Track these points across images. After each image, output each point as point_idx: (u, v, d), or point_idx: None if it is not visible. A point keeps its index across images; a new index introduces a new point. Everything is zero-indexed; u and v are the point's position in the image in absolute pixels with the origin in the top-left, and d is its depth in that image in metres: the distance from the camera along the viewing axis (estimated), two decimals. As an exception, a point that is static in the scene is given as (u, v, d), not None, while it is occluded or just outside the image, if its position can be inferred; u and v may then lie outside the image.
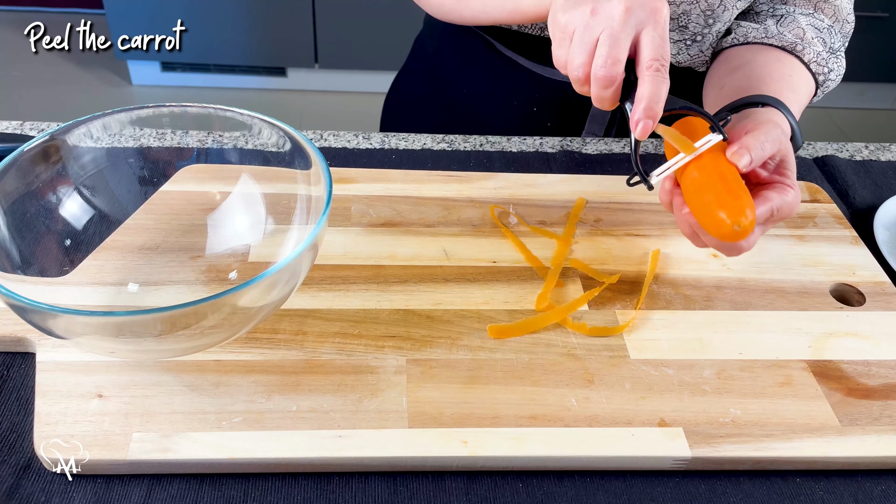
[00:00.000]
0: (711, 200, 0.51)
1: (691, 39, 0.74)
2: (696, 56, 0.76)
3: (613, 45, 0.49)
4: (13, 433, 0.48)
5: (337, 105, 2.39)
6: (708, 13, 0.71)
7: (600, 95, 0.51)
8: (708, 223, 0.51)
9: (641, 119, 0.50)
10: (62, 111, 2.25)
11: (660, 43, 0.50)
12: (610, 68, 0.49)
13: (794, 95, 0.65)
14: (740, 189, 0.51)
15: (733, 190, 0.51)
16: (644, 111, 0.50)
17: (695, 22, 0.72)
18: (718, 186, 0.51)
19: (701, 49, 0.75)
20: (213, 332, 0.46)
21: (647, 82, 0.50)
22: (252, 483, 0.47)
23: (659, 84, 0.50)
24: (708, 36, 0.74)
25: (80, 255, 0.56)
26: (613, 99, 0.51)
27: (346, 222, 0.65)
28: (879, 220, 0.70)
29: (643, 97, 0.50)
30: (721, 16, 0.72)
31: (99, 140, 0.56)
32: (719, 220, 0.50)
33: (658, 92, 0.50)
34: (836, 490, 0.49)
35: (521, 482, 0.48)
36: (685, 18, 0.72)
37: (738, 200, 0.50)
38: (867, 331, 0.58)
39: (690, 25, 0.73)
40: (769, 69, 0.67)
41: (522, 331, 0.56)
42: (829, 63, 0.69)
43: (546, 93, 0.82)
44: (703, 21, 0.72)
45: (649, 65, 0.50)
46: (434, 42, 0.89)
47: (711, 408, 0.51)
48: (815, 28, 0.70)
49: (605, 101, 0.52)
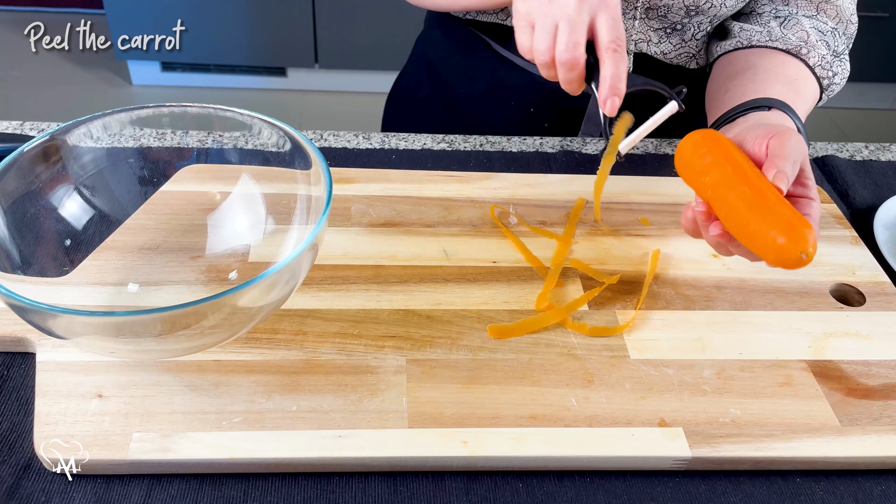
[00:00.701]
0: (767, 228, 0.48)
1: (671, 28, 0.73)
2: (679, 46, 0.76)
3: (572, 30, 0.54)
4: (13, 433, 0.48)
5: (337, 105, 2.39)
6: (690, 7, 0.71)
7: (567, 78, 0.55)
8: (768, 254, 0.48)
9: (608, 97, 0.54)
10: (62, 111, 2.25)
11: (614, 25, 0.54)
12: (572, 51, 0.54)
13: (800, 99, 0.64)
14: (792, 213, 0.48)
15: (785, 215, 0.48)
16: (609, 89, 0.54)
17: (675, 13, 0.72)
18: (767, 212, 0.48)
19: (682, 38, 0.75)
20: (213, 332, 0.46)
21: (608, 62, 0.54)
22: (252, 483, 0.47)
23: (618, 63, 0.54)
24: (689, 27, 0.73)
25: (80, 255, 0.56)
26: (580, 80, 0.56)
27: (346, 222, 0.65)
28: (879, 220, 0.70)
29: (606, 77, 0.54)
30: (707, 11, 0.72)
31: (99, 140, 0.56)
32: (780, 249, 0.47)
33: (619, 70, 0.54)
34: (836, 490, 0.49)
35: (521, 482, 0.48)
36: (665, 9, 0.72)
37: (795, 226, 0.47)
38: (867, 331, 0.58)
39: (670, 15, 0.72)
40: (774, 73, 0.66)
41: (522, 331, 0.56)
42: (834, 66, 0.69)
43: (542, 93, 0.82)
44: (685, 13, 0.72)
45: (607, 46, 0.54)
46: (434, 43, 0.90)
47: (711, 408, 0.51)
48: (818, 31, 0.70)
49: (572, 83, 0.56)
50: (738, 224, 0.50)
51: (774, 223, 0.48)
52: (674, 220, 0.68)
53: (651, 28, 0.74)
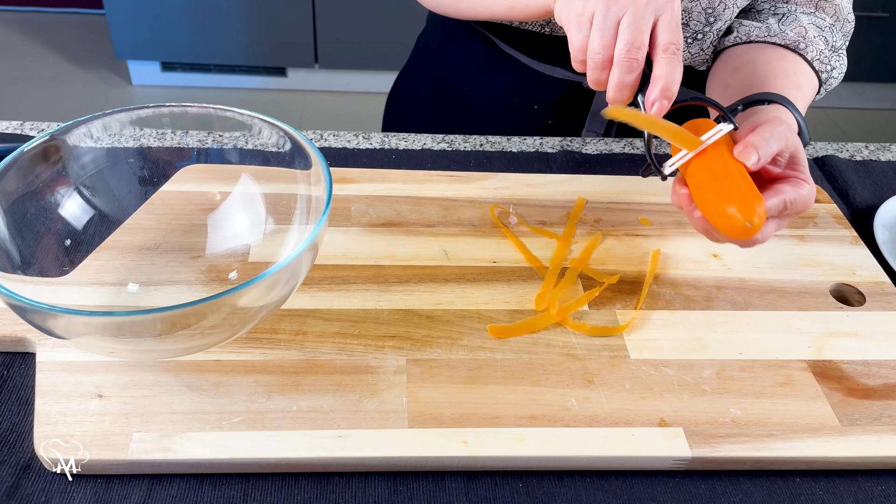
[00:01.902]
0: (719, 199, 0.50)
1: (692, 38, 0.74)
2: (697, 55, 0.76)
3: (636, 29, 0.50)
4: (13, 433, 0.48)
5: (337, 105, 2.39)
6: (709, 11, 0.72)
7: (622, 81, 0.51)
8: (719, 222, 0.50)
9: (657, 99, 0.51)
10: (62, 111, 2.25)
11: (675, 28, 0.51)
12: (635, 52, 0.50)
13: (798, 93, 0.65)
14: (748, 186, 0.50)
15: (741, 187, 0.50)
16: (661, 91, 0.51)
17: (696, 20, 0.72)
18: (725, 184, 0.50)
19: (702, 47, 0.76)
20: (213, 332, 0.46)
21: (664, 64, 0.50)
22: (252, 483, 0.47)
23: (675, 66, 0.51)
24: (709, 34, 0.74)
25: (80, 255, 0.56)
26: (634, 85, 0.52)
27: (346, 222, 0.65)
28: (879, 220, 0.70)
29: (660, 77, 0.51)
30: (722, 14, 0.72)
31: (99, 140, 0.56)
32: (729, 218, 0.49)
33: (674, 73, 0.51)
34: (836, 490, 0.49)
35: (521, 482, 0.48)
36: (686, 16, 0.72)
37: (746, 197, 0.49)
38: (867, 331, 0.58)
39: (692, 23, 0.73)
40: (773, 67, 0.67)
41: (522, 331, 0.56)
42: (832, 61, 0.69)
43: (547, 90, 0.82)
44: (705, 19, 0.72)
45: (666, 47, 0.51)
46: (437, 41, 0.90)
47: (711, 408, 0.51)
48: (816, 27, 0.70)
49: (625, 87, 0.52)
50: (701, 198, 0.51)
51: (728, 195, 0.49)
52: (674, 220, 0.68)
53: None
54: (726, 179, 0.50)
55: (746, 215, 0.49)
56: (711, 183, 0.51)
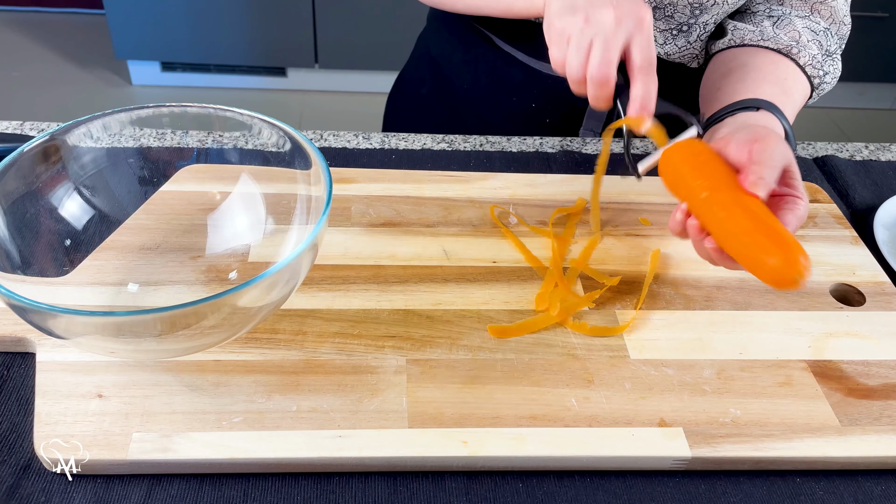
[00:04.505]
0: (757, 249, 0.48)
1: (677, 30, 0.74)
2: (684, 48, 0.76)
3: (606, 48, 0.55)
4: (13, 433, 0.48)
5: (337, 105, 2.39)
6: (695, 5, 0.72)
7: (596, 94, 0.56)
8: (759, 271, 0.48)
9: (638, 115, 0.56)
10: (62, 111, 2.25)
11: (647, 46, 0.56)
12: (605, 69, 0.55)
13: (788, 99, 0.65)
14: (784, 233, 0.48)
15: (778, 235, 0.48)
16: (640, 109, 0.56)
17: (681, 12, 0.72)
18: (759, 231, 0.48)
19: (688, 40, 0.75)
20: (213, 332, 0.46)
21: (640, 84, 0.56)
22: (252, 483, 0.47)
23: (650, 84, 0.56)
24: (695, 27, 0.74)
25: (80, 255, 0.56)
26: (608, 98, 0.57)
27: (346, 222, 0.65)
28: (879, 220, 0.70)
29: (637, 97, 0.56)
30: (710, 8, 0.72)
31: (99, 140, 0.56)
32: (773, 270, 0.47)
33: (650, 91, 0.56)
34: (836, 490, 0.49)
35: (521, 482, 0.48)
36: (671, 9, 0.72)
37: (790, 248, 0.47)
38: (867, 331, 0.58)
39: (676, 15, 0.73)
40: (765, 72, 0.67)
41: (522, 331, 0.56)
42: (825, 66, 0.69)
43: (544, 89, 0.82)
44: (690, 12, 0.72)
45: (640, 67, 0.56)
46: (437, 40, 0.90)
47: (711, 408, 0.51)
48: (811, 31, 0.70)
49: (600, 99, 0.57)
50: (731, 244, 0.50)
51: (762, 244, 0.48)
52: (674, 220, 0.68)
53: (658, 29, 0.74)
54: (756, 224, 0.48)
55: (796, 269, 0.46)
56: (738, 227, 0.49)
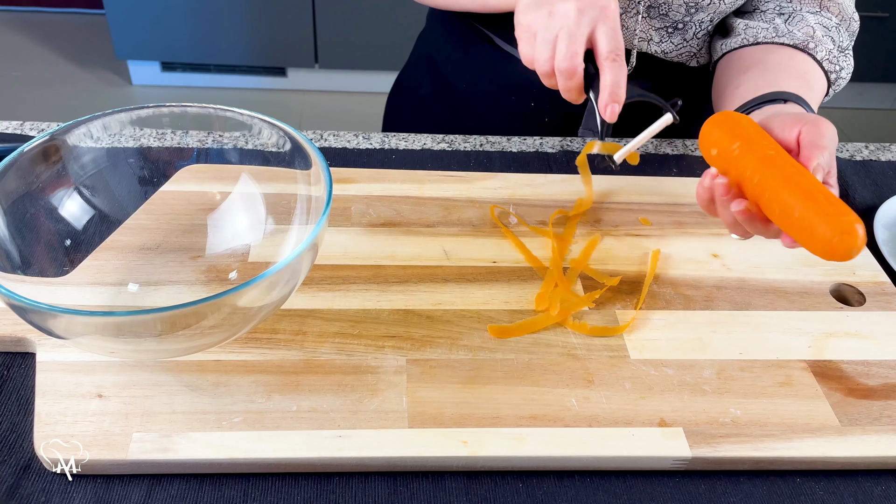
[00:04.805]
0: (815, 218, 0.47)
1: (672, 27, 0.74)
2: (681, 46, 0.76)
3: (571, 41, 0.56)
4: (13, 433, 0.48)
5: (337, 105, 2.39)
6: (690, 3, 0.71)
7: (566, 86, 0.57)
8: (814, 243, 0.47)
9: (609, 104, 0.56)
10: (62, 111, 2.25)
11: (613, 35, 0.57)
12: (570, 60, 0.56)
13: (811, 93, 0.65)
14: (839, 202, 0.48)
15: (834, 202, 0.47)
16: (609, 96, 0.56)
17: (675, 10, 0.72)
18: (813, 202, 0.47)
19: (684, 38, 0.75)
20: (213, 332, 0.46)
21: (608, 71, 0.56)
22: (252, 483, 0.47)
23: (617, 71, 0.56)
24: (690, 25, 0.74)
25: (80, 255, 0.56)
26: (578, 89, 0.58)
27: (346, 222, 0.65)
28: (879, 220, 0.70)
29: (606, 85, 0.56)
30: (706, 7, 0.72)
31: (99, 140, 0.56)
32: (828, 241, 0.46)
33: (618, 78, 0.56)
34: (836, 490, 0.49)
35: (521, 482, 0.48)
36: (666, 7, 0.72)
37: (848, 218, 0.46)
38: (867, 331, 0.58)
39: (671, 13, 0.73)
40: (785, 67, 0.67)
41: (522, 331, 0.56)
42: (840, 61, 0.69)
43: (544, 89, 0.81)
44: (685, 10, 0.72)
45: (607, 56, 0.56)
46: (437, 40, 0.90)
47: (711, 408, 0.51)
48: (823, 26, 0.70)
49: (571, 91, 0.58)
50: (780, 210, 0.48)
51: (824, 215, 0.47)
52: (674, 221, 0.68)
53: (653, 27, 0.74)
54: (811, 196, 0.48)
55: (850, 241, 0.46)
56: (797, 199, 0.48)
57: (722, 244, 0.65)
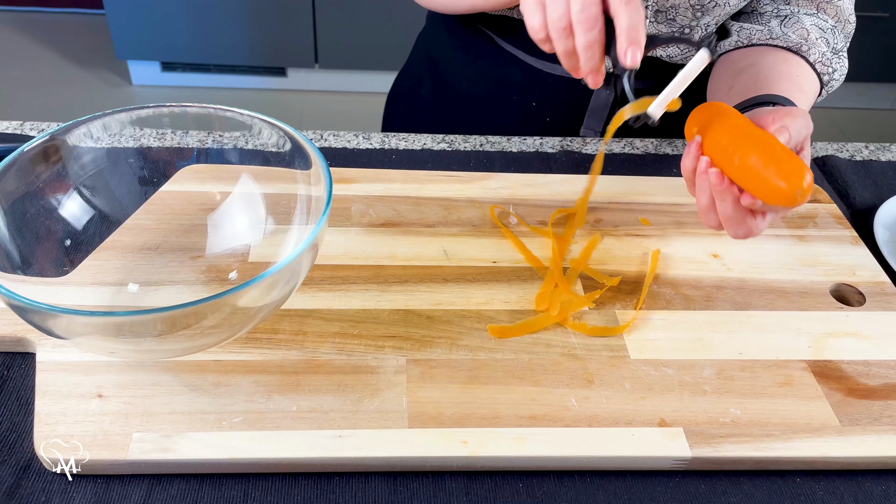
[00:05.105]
0: (765, 164, 0.50)
1: (679, 33, 0.74)
2: (686, 49, 0.76)
3: None
4: (13, 433, 0.48)
5: (337, 105, 2.39)
6: (697, 7, 0.71)
7: (587, 40, 0.52)
8: (760, 188, 0.50)
9: (628, 48, 0.51)
10: (62, 111, 2.25)
11: None
12: (588, 9, 0.50)
13: (802, 96, 0.65)
14: (793, 154, 0.51)
15: (787, 154, 0.51)
16: (627, 40, 0.51)
17: (683, 15, 0.72)
18: (769, 150, 0.51)
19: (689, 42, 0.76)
20: (214, 332, 0.46)
21: (623, 14, 0.51)
22: (252, 483, 0.47)
23: (633, 13, 0.51)
24: (697, 29, 0.74)
25: (80, 255, 0.56)
26: (601, 41, 0.52)
27: (346, 222, 0.65)
28: (879, 220, 0.70)
29: (623, 28, 0.51)
30: (711, 10, 0.72)
31: (99, 140, 0.56)
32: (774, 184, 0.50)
33: (635, 19, 0.51)
34: (836, 490, 0.49)
35: (521, 482, 0.48)
36: (673, 12, 0.72)
37: (795, 163, 0.50)
38: (867, 331, 0.58)
39: (678, 18, 0.73)
40: (777, 70, 0.67)
41: (522, 331, 0.56)
42: (833, 63, 0.69)
43: (545, 88, 0.82)
44: (692, 14, 0.72)
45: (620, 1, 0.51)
46: (436, 39, 0.90)
47: (711, 408, 0.51)
48: (818, 28, 0.70)
49: (593, 45, 0.52)
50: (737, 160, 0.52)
51: (775, 161, 0.50)
52: (674, 221, 0.68)
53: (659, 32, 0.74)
54: (765, 147, 0.51)
55: (797, 182, 0.49)
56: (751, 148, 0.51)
57: (722, 244, 0.65)
